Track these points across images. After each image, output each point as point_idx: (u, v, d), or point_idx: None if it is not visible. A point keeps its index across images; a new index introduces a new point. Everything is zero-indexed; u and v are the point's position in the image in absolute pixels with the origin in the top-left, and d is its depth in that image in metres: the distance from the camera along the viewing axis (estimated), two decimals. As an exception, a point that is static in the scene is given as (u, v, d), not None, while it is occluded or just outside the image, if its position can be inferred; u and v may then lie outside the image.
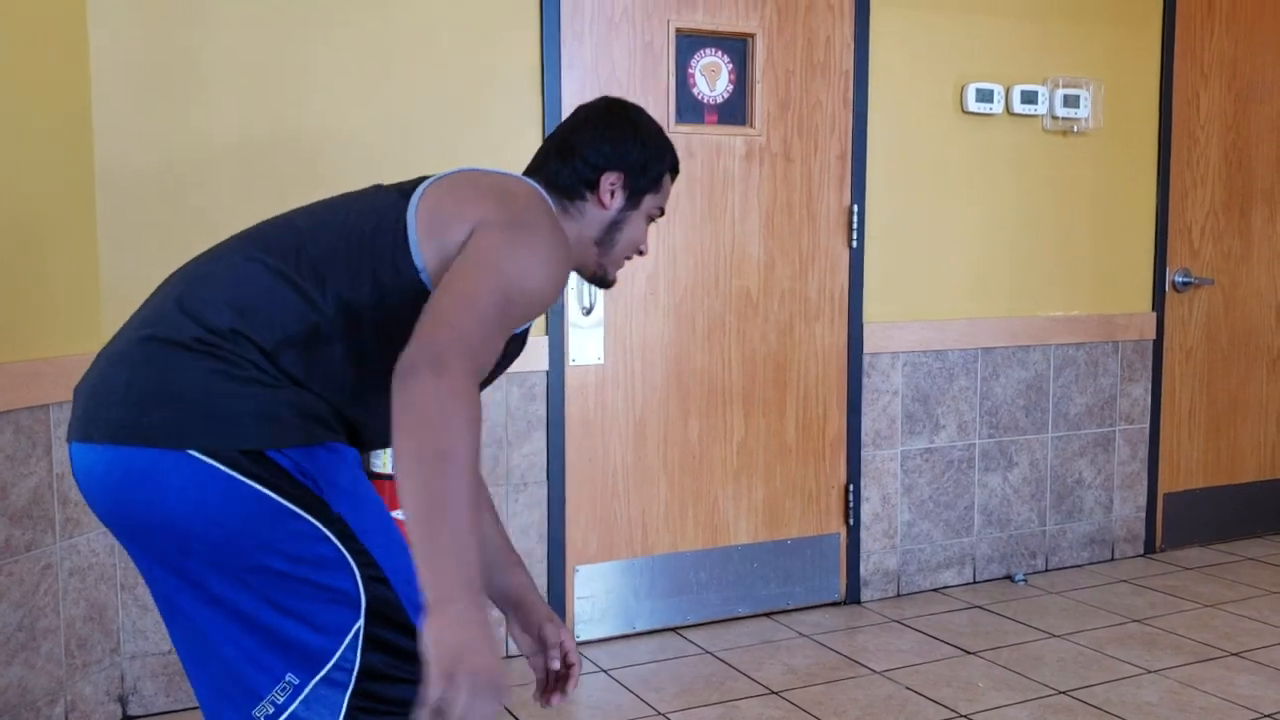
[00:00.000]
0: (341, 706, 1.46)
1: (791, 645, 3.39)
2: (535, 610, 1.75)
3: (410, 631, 1.50)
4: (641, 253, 1.82)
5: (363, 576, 1.47)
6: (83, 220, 2.72)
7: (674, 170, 1.82)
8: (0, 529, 2.46)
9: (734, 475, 3.57)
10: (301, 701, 1.45)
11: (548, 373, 3.26)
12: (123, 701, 2.84)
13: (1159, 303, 4.24)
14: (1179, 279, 4.29)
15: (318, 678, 1.45)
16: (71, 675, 2.65)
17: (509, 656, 3.21)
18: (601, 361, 3.36)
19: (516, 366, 3.17)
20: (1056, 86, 3.92)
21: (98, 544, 2.74)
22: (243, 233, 1.64)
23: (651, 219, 1.80)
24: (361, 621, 1.46)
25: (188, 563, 1.44)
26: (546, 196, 1.68)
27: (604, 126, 1.75)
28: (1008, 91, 3.85)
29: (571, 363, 3.31)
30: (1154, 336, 4.24)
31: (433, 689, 1.19)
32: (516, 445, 3.24)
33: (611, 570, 3.41)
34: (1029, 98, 3.86)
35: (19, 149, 2.50)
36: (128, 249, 2.76)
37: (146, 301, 1.57)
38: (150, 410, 1.43)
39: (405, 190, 1.61)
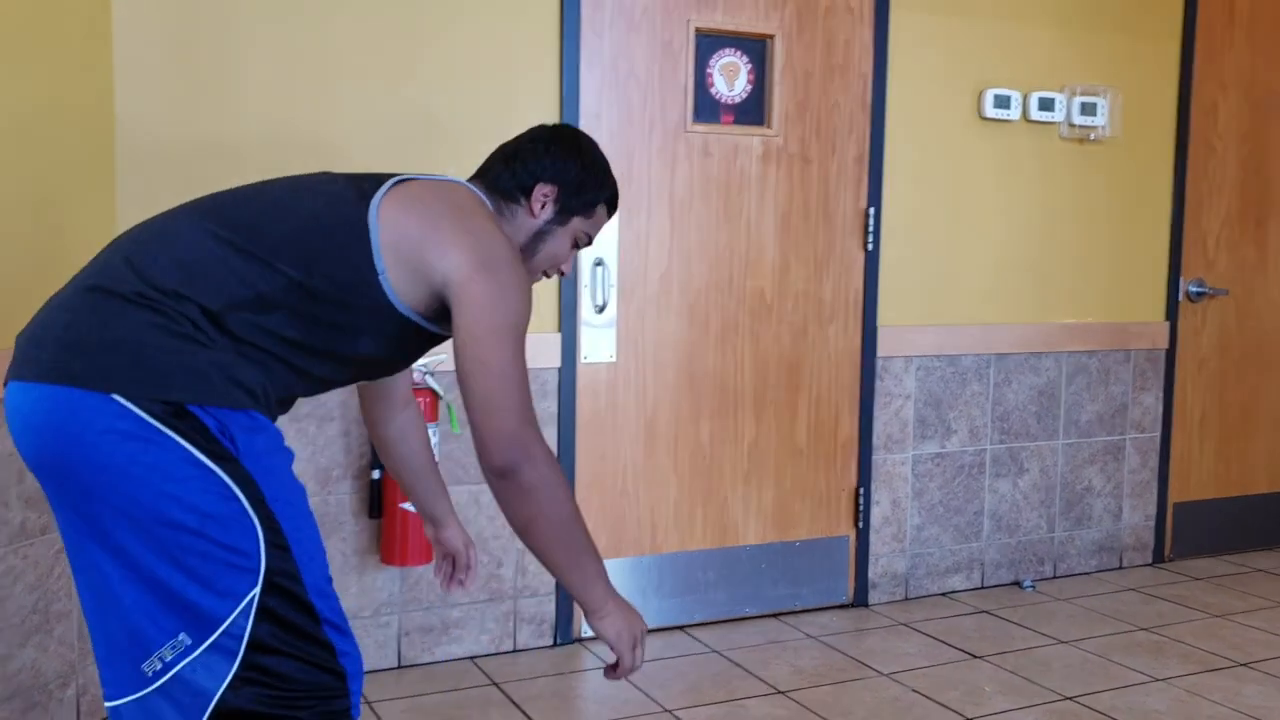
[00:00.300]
0: (228, 675, 1.49)
1: (799, 646, 3.39)
2: (456, 532, 2.16)
3: (305, 608, 1.53)
4: (562, 273, 1.93)
5: (265, 542, 1.51)
6: (102, 216, 2.74)
7: (611, 204, 1.92)
8: (16, 512, 2.48)
9: (744, 476, 3.58)
10: (189, 663, 1.48)
11: (560, 370, 3.27)
12: (133, 687, 2.85)
13: (1172, 312, 4.23)
14: (1193, 289, 4.28)
15: (208, 642, 1.48)
16: (83, 659, 2.67)
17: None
18: (614, 360, 3.37)
19: (528, 362, 3.18)
20: (1074, 94, 3.92)
21: (111, 530, 2.75)
22: (195, 202, 1.69)
23: (577, 244, 1.91)
24: (258, 590, 1.50)
25: (99, 508, 1.48)
26: (485, 200, 1.80)
27: (553, 143, 1.87)
28: (1025, 98, 3.85)
29: (584, 360, 3.32)
30: (1166, 346, 4.24)
31: (626, 659, 1.73)
32: (528, 441, 3.24)
33: (620, 568, 3.42)
34: (1046, 105, 3.86)
35: (43, 146, 2.52)
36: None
37: (94, 258, 1.62)
38: (83, 353, 1.48)
39: (363, 191, 1.68)
